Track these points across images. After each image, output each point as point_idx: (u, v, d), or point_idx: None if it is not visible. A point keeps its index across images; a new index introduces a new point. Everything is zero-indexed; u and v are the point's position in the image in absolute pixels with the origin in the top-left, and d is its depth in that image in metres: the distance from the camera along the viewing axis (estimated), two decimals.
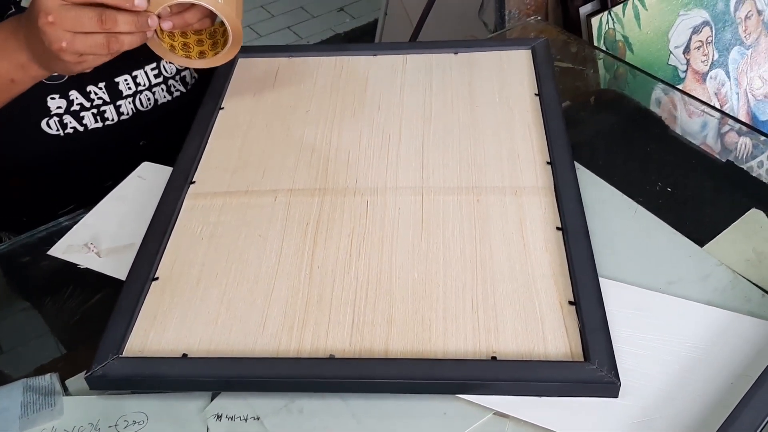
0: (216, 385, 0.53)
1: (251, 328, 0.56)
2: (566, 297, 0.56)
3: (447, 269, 0.59)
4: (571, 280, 0.57)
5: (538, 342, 0.53)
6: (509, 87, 0.79)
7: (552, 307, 0.56)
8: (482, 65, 0.82)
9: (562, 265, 0.59)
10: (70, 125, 0.81)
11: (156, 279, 0.60)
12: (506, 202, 0.65)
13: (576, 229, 0.61)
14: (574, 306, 0.55)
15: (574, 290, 0.56)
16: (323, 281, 0.59)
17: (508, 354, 0.52)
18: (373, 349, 0.54)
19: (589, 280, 0.57)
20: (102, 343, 0.55)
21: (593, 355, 0.51)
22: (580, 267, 0.58)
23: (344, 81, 0.82)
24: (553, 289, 0.57)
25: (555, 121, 0.73)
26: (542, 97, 0.76)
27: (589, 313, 0.54)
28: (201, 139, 0.75)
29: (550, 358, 0.52)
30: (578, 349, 0.52)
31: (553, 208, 0.64)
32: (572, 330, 0.54)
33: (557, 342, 0.53)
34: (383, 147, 0.72)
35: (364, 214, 0.64)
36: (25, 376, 0.56)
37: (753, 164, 0.74)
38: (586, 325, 0.53)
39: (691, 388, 0.52)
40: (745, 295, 0.58)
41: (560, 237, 0.61)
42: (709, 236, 0.63)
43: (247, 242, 0.63)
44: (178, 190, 0.68)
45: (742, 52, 1.38)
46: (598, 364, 0.51)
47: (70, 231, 0.68)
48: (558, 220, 0.63)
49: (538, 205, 0.64)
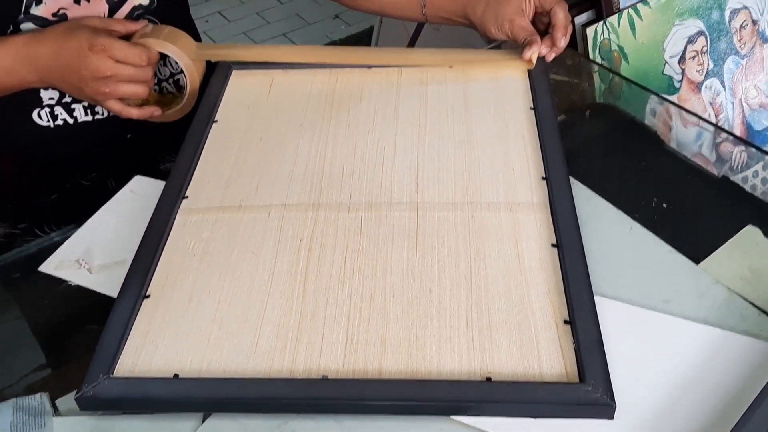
0: (208, 407, 0.53)
1: (244, 347, 0.55)
2: (561, 316, 0.56)
3: (441, 287, 0.58)
4: (566, 299, 0.57)
5: (533, 362, 0.53)
6: (504, 100, 0.78)
7: (547, 326, 0.55)
8: (477, 78, 0.82)
9: (557, 283, 0.58)
10: (61, 117, 0.83)
11: (147, 296, 0.60)
12: (501, 218, 0.64)
13: (571, 246, 0.61)
14: (570, 325, 0.55)
15: (569, 309, 0.56)
16: (317, 299, 0.58)
17: (502, 374, 0.52)
18: (367, 369, 0.53)
19: (584, 299, 0.56)
20: (93, 362, 0.54)
21: (588, 376, 0.51)
22: (575, 285, 0.57)
23: (339, 93, 0.81)
24: (549, 308, 0.56)
25: (550, 136, 0.72)
26: (538, 111, 0.76)
27: (584, 333, 0.54)
28: (194, 152, 0.74)
29: (545, 378, 0.52)
30: (573, 369, 0.52)
31: (549, 224, 0.63)
32: (567, 350, 0.53)
33: (552, 362, 0.53)
34: (378, 161, 0.71)
35: (359, 230, 0.64)
36: (15, 396, 0.55)
37: (748, 173, 0.74)
38: (582, 344, 0.53)
39: (687, 408, 0.51)
40: (740, 314, 0.57)
41: (555, 254, 0.61)
42: (705, 253, 0.62)
43: (240, 259, 0.62)
44: (171, 206, 0.68)
45: (737, 61, 1.39)
46: (593, 386, 0.50)
47: (61, 247, 0.68)
48: (553, 236, 0.62)
49: (533, 221, 0.64)
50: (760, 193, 0.71)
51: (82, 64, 0.72)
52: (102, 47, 0.71)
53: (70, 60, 0.72)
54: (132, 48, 0.74)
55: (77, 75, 0.73)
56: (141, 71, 0.75)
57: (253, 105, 0.80)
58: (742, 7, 1.34)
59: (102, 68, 0.72)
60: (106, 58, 0.72)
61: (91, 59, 0.71)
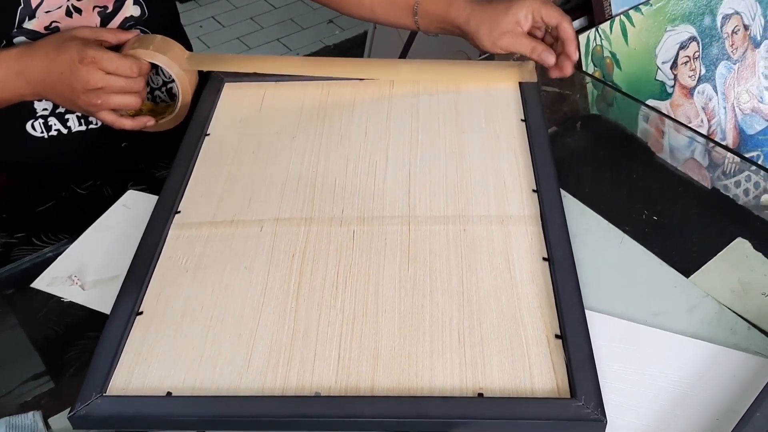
0: (201, 425, 0.53)
1: (236, 364, 0.55)
2: (553, 330, 0.56)
3: (433, 302, 0.59)
4: (557, 313, 0.57)
5: (524, 377, 0.53)
6: (496, 112, 0.79)
7: (539, 341, 0.55)
8: (469, 90, 0.82)
9: (548, 297, 0.59)
10: (54, 127, 0.83)
11: (140, 313, 0.60)
12: (493, 231, 0.65)
13: (562, 260, 0.61)
14: (561, 340, 0.55)
15: (560, 323, 0.56)
16: (309, 315, 0.59)
17: (494, 390, 0.52)
18: (359, 386, 0.53)
19: (575, 313, 0.56)
20: (86, 381, 0.54)
21: (579, 391, 0.51)
22: (566, 299, 0.58)
23: (331, 106, 0.81)
24: (540, 322, 0.57)
25: (541, 148, 0.73)
26: (528, 123, 0.76)
27: (575, 348, 0.54)
28: (186, 166, 0.74)
29: (537, 394, 0.52)
30: (565, 384, 0.52)
31: (540, 238, 0.64)
32: (559, 365, 0.54)
33: (544, 377, 0.53)
34: (370, 174, 0.72)
35: (351, 245, 0.64)
36: (7, 414, 0.55)
37: (741, 178, 0.75)
38: (573, 360, 0.53)
39: (678, 423, 0.52)
40: (731, 328, 0.58)
41: (547, 268, 0.61)
42: (696, 266, 0.63)
43: (233, 275, 0.62)
44: (163, 220, 0.68)
45: (729, 66, 1.39)
46: (584, 401, 0.51)
47: (54, 263, 0.68)
48: (544, 250, 0.63)
49: (524, 235, 0.64)
50: (748, 203, 0.72)
51: (73, 77, 0.72)
52: (92, 59, 0.71)
53: (61, 73, 0.72)
54: (122, 59, 0.74)
55: (69, 88, 0.73)
56: (132, 82, 0.75)
57: (245, 118, 0.81)
58: (734, 13, 1.35)
59: (93, 80, 0.72)
60: (97, 70, 0.72)
61: (82, 72, 0.71)
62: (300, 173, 0.72)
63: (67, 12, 0.78)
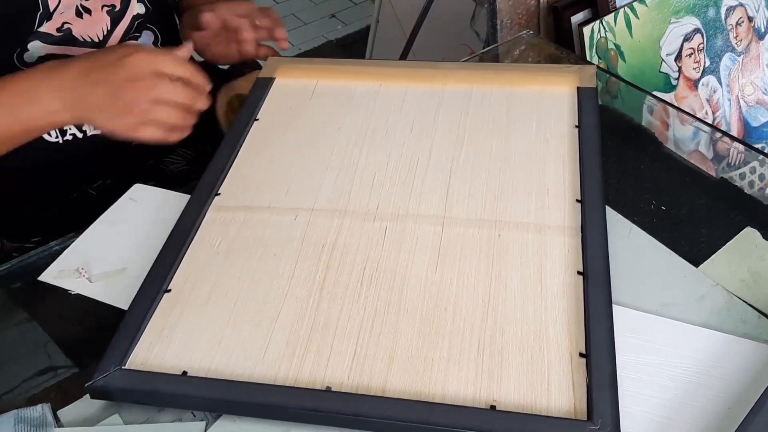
0: (212, 406, 0.54)
1: (253, 351, 0.56)
2: (578, 348, 0.54)
3: (457, 307, 0.57)
4: (585, 331, 0.55)
5: (541, 394, 0.51)
6: (548, 116, 0.76)
7: (561, 358, 0.53)
8: (523, 92, 0.80)
9: (577, 313, 0.56)
10: (70, 132, 0.83)
11: (168, 291, 0.61)
12: (528, 239, 0.63)
13: (597, 276, 0.58)
14: (585, 358, 0.53)
15: (587, 342, 0.54)
16: (331, 308, 0.58)
17: (508, 404, 0.51)
18: (371, 385, 0.53)
19: (604, 333, 0.54)
20: (107, 353, 0.55)
21: (597, 414, 0.49)
22: (596, 317, 0.55)
23: (381, 100, 0.81)
24: (565, 339, 0.55)
25: (591, 157, 0.70)
26: (582, 130, 0.73)
27: (598, 368, 0.52)
28: (232, 150, 0.75)
29: (551, 413, 0.50)
30: (582, 405, 0.50)
31: (577, 251, 0.61)
32: (579, 384, 0.52)
33: (561, 396, 0.51)
34: (410, 171, 0.71)
35: (381, 241, 0.63)
36: (16, 407, 0.55)
37: (746, 170, 0.73)
38: (594, 380, 0.51)
39: (689, 413, 0.50)
40: (740, 317, 0.56)
41: (580, 282, 0.59)
42: (704, 255, 0.62)
43: (262, 261, 0.63)
44: (202, 202, 0.69)
45: (734, 58, 1.35)
46: (600, 425, 0.48)
47: (61, 256, 0.67)
48: (580, 263, 0.60)
49: (561, 246, 0.62)
50: (756, 192, 0.69)
51: (118, 64, 0.66)
52: (141, 48, 0.67)
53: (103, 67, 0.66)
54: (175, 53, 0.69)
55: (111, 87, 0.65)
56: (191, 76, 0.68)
57: (295, 106, 0.81)
58: (738, 4, 1.31)
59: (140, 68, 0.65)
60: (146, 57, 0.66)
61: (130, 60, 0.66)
62: (341, 165, 0.72)
63: (77, 12, 0.77)
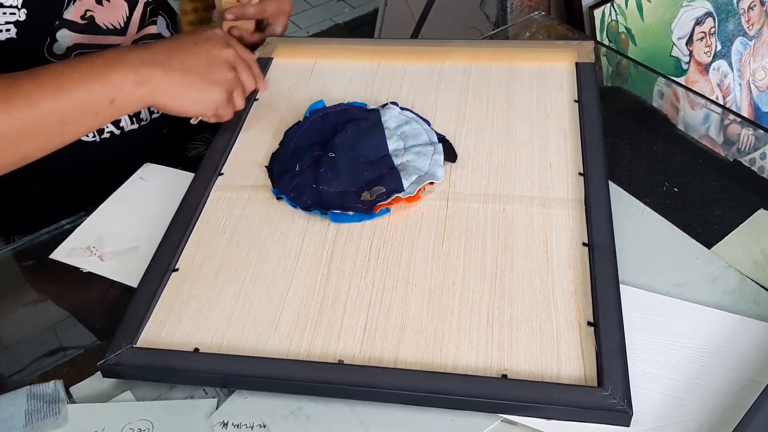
0: (225, 382, 0.54)
1: (264, 326, 0.56)
2: (585, 317, 0.54)
3: (465, 279, 0.58)
4: (592, 300, 0.55)
5: (551, 362, 0.52)
6: (548, 91, 0.76)
7: (570, 327, 0.54)
8: (523, 67, 0.80)
9: (584, 283, 0.57)
10: (107, 129, 0.83)
11: (176, 270, 0.61)
12: (533, 213, 0.63)
13: (603, 246, 0.59)
14: (593, 327, 0.54)
15: (594, 311, 0.55)
16: (339, 283, 0.58)
17: (519, 373, 0.51)
18: (383, 357, 0.53)
19: (611, 302, 0.55)
20: (118, 331, 0.56)
21: (607, 380, 0.50)
22: (603, 287, 0.56)
23: (381, 77, 0.81)
24: (573, 308, 0.55)
25: (592, 130, 0.70)
26: (582, 104, 0.74)
27: (607, 336, 0.52)
28: (233, 130, 0.75)
29: (562, 380, 0.51)
30: (592, 372, 0.51)
31: (582, 223, 0.62)
32: (588, 352, 0.52)
33: (571, 364, 0.52)
34: None
35: (387, 217, 0.64)
36: (29, 383, 0.55)
37: (756, 155, 0.73)
38: (603, 348, 0.52)
39: (700, 393, 0.51)
40: (753, 298, 0.57)
41: (586, 253, 0.59)
42: (717, 237, 0.62)
43: (269, 238, 0.63)
44: (206, 182, 0.69)
45: (745, 43, 1.36)
46: (611, 391, 0.49)
47: (72, 234, 0.67)
48: (585, 235, 0.61)
49: (566, 218, 0.62)
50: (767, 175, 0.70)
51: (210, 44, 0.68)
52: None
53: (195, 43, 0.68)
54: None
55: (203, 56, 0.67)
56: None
57: (294, 85, 0.81)
58: None
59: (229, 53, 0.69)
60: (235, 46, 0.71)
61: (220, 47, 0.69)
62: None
63: (97, 0, 0.78)
